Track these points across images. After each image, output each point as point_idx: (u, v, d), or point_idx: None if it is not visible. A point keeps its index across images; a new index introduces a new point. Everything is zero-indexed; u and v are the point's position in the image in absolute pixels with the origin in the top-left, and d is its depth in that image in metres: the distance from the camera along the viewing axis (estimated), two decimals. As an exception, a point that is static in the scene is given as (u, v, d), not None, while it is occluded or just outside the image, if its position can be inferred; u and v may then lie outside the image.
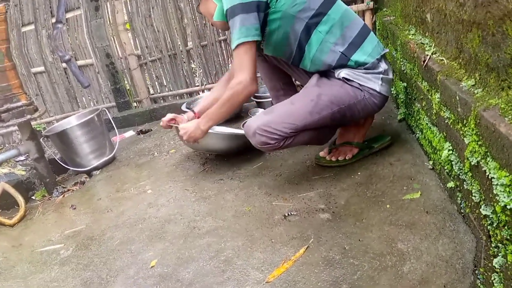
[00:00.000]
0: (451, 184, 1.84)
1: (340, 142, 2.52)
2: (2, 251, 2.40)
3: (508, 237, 1.29)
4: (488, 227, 1.45)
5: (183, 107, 3.88)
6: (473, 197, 1.55)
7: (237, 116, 3.74)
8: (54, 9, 4.25)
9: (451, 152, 1.80)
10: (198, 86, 4.72)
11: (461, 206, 1.76)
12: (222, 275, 1.77)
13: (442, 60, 1.94)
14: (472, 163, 1.50)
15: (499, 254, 1.37)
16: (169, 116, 2.73)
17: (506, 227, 1.30)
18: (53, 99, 4.57)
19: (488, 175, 1.36)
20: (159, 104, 4.68)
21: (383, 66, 2.25)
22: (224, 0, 2.17)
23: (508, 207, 1.23)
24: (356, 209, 2.03)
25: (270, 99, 3.49)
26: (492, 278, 1.38)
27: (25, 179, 3.11)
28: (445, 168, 1.91)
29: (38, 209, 2.84)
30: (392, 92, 3.04)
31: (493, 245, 1.43)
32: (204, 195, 2.50)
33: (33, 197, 3.06)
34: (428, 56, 2.06)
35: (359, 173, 2.35)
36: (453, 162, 1.77)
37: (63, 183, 3.20)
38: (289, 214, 2.11)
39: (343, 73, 2.20)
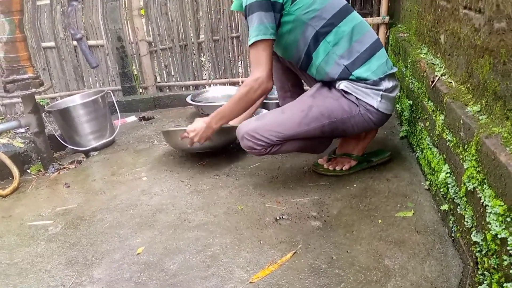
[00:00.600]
0: (445, 207, 1.84)
1: (340, 152, 2.52)
2: (-9, 220, 2.41)
3: (495, 266, 1.29)
4: (477, 254, 1.45)
5: (188, 99, 3.88)
6: (465, 222, 1.55)
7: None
8: (71, -14, 4.24)
9: (448, 175, 1.80)
10: (205, 79, 4.72)
11: (452, 229, 1.76)
12: (207, 270, 1.77)
13: (451, 82, 1.94)
14: (469, 188, 1.51)
15: (484, 282, 1.37)
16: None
17: (494, 256, 1.30)
18: (60, 75, 4.57)
19: (482, 202, 1.36)
20: (165, 93, 4.68)
21: (385, 84, 2.20)
22: None
23: (499, 236, 1.23)
24: (347, 220, 2.03)
25: (276, 100, 3.51)
26: (475, 305, 1.38)
27: (23, 152, 3.10)
28: (441, 190, 1.91)
29: (32, 183, 2.83)
30: (397, 108, 3.04)
31: (479, 272, 1.43)
32: (198, 189, 2.50)
33: (28, 171, 3.06)
34: (437, 77, 2.06)
35: (354, 185, 2.35)
36: (449, 185, 1.77)
37: (60, 160, 3.20)
38: (281, 217, 2.11)
39: (342, 85, 2.19)
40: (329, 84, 2.27)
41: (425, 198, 2.15)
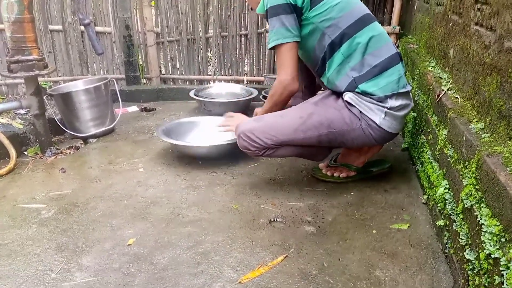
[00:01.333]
0: (440, 222, 1.83)
1: (340, 162, 2.51)
2: (-16, 199, 2.40)
3: (486, 285, 1.28)
4: (469, 271, 1.44)
5: (191, 93, 3.87)
6: (459, 239, 1.54)
7: (242, 112, 3.71)
8: (84, -29, 4.23)
9: (447, 190, 1.80)
10: (210, 75, 4.71)
11: (446, 245, 1.76)
12: (196, 267, 1.76)
13: (457, 98, 1.94)
14: (466, 206, 1.50)
15: (475, 301, 1.36)
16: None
17: (486, 275, 1.29)
18: (65, 59, 4.55)
19: (479, 221, 1.35)
20: (168, 85, 4.66)
21: (391, 103, 2.12)
22: None
23: (493, 256, 1.22)
24: (342, 228, 2.02)
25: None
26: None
27: (21, 133, 3.09)
28: (438, 205, 1.90)
29: (28, 166, 2.82)
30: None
31: (470, 291, 1.42)
32: (194, 184, 2.49)
33: (26, 153, 3.05)
34: (444, 91, 2.05)
35: (352, 193, 2.34)
36: (447, 201, 1.76)
37: (58, 144, 3.18)
38: (275, 220, 2.10)
39: (347, 96, 2.15)
40: (338, 94, 2.25)
41: (421, 211, 2.14)
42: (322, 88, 2.79)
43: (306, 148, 2.29)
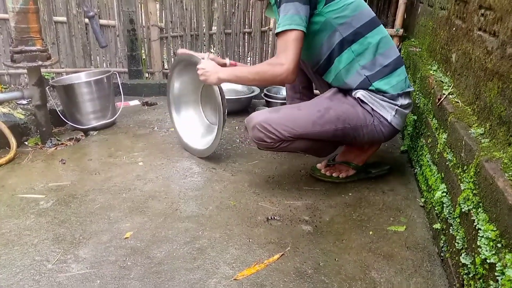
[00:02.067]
0: (437, 226, 1.83)
1: (340, 160, 2.51)
2: (-17, 188, 2.40)
3: (481, 291, 1.28)
4: (464, 276, 1.44)
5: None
6: (456, 243, 1.54)
7: (243, 110, 3.73)
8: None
9: (445, 194, 1.80)
10: (212, 72, 4.71)
11: (442, 249, 1.76)
12: (192, 262, 1.76)
13: (457, 102, 1.94)
14: (463, 210, 1.50)
15: (469, 305, 1.36)
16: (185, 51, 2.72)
17: (481, 280, 1.29)
18: (68, 51, 4.55)
19: (475, 225, 1.35)
20: (171, 80, 4.66)
21: (401, 101, 2.20)
22: None
23: (488, 261, 1.23)
24: (339, 228, 2.03)
25: (281, 100, 3.50)
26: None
27: (22, 123, 3.09)
28: (436, 208, 1.90)
29: (28, 156, 2.83)
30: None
31: (464, 295, 1.42)
32: (193, 180, 2.49)
33: (26, 143, 3.05)
34: (445, 95, 2.05)
35: (350, 194, 2.34)
36: (444, 205, 1.76)
37: (59, 136, 3.18)
38: (272, 218, 2.10)
39: (359, 93, 2.18)
40: (344, 91, 2.26)
41: (418, 214, 2.14)
42: (315, 89, 2.79)
43: (317, 143, 2.27)
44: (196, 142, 2.90)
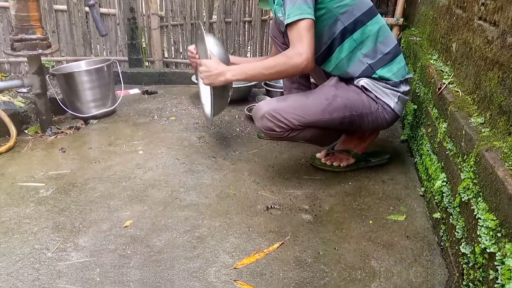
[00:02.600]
0: (437, 215, 1.83)
1: (340, 148, 2.51)
2: (-17, 176, 2.40)
3: (481, 279, 1.29)
4: (464, 265, 1.45)
5: (193, 78, 3.86)
6: (455, 233, 1.54)
7: (243, 99, 3.72)
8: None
9: (444, 183, 1.80)
10: (213, 60, 4.69)
11: (442, 238, 1.76)
12: (192, 251, 1.77)
13: (458, 91, 1.93)
14: (463, 199, 1.50)
15: (467, 294, 1.37)
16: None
17: (480, 270, 1.29)
18: (68, 39, 4.54)
19: (475, 215, 1.35)
20: (170, 69, 4.66)
21: (402, 87, 2.23)
22: None
23: (488, 250, 1.23)
24: (338, 217, 2.03)
25: (280, 89, 3.49)
26: (455, 316, 1.38)
27: (22, 112, 3.09)
28: (435, 198, 1.90)
29: (28, 144, 2.83)
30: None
31: (464, 283, 1.43)
32: (193, 169, 2.49)
33: (26, 131, 3.05)
34: (445, 85, 2.04)
35: (350, 183, 2.34)
36: (444, 194, 1.76)
37: (59, 124, 3.18)
38: (272, 207, 2.10)
39: (362, 81, 2.18)
40: (346, 80, 2.26)
41: (418, 204, 2.14)
42: (312, 79, 2.78)
43: (324, 132, 2.27)
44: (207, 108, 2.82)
